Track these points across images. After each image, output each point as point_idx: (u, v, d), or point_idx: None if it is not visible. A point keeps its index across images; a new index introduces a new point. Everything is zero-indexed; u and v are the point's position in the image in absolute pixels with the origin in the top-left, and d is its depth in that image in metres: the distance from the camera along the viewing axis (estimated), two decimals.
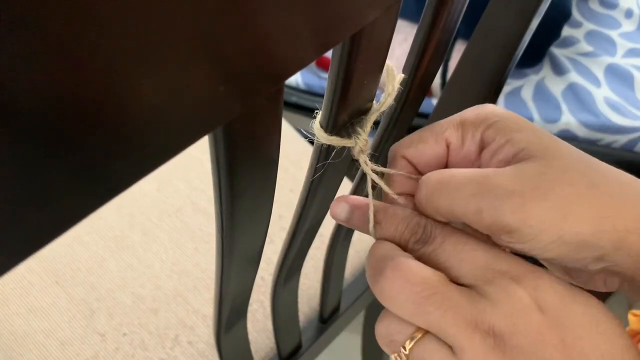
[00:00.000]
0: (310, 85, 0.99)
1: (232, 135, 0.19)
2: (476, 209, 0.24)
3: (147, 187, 0.60)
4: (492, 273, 0.23)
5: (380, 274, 0.24)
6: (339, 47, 0.21)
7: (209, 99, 0.16)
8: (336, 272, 0.49)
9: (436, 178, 0.25)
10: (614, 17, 1.09)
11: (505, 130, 0.26)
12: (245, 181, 0.22)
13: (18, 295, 0.51)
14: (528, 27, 0.35)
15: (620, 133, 0.91)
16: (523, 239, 0.23)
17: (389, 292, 0.23)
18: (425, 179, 0.26)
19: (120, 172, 0.15)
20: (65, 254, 0.54)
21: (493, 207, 0.23)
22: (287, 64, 0.18)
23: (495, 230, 0.24)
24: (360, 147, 0.26)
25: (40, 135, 0.12)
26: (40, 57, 0.11)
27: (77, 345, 0.49)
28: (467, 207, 0.24)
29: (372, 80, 0.24)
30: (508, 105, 0.94)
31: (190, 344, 0.51)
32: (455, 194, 0.24)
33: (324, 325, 0.56)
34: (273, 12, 0.15)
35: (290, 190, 0.61)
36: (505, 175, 0.24)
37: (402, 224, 0.26)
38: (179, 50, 0.14)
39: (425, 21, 0.26)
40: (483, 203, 0.24)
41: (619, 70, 0.98)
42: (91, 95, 0.13)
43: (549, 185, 0.23)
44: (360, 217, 0.28)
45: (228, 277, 0.30)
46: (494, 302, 0.22)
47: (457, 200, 0.24)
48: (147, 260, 0.55)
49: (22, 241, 0.14)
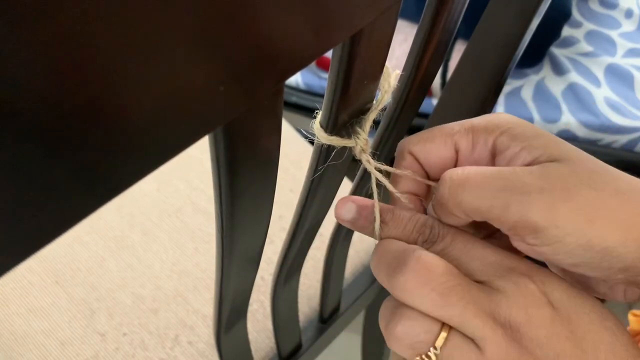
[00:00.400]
0: (310, 85, 0.99)
1: (232, 135, 0.19)
2: (503, 204, 0.23)
3: (147, 187, 0.60)
4: (502, 269, 0.23)
5: (400, 268, 0.24)
6: (339, 47, 0.21)
7: (209, 99, 0.16)
8: (336, 272, 0.49)
9: (461, 172, 0.25)
10: (614, 17, 1.09)
11: (521, 137, 0.25)
12: (245, 181, 0.22)
13: (18, 295, 0.51)
14: (528, 27, 0.35)
15: (620, 133, 0.91)
16: (548, 240, 0.23)
17: (412, 285, 0.23)
18: (449, 174, 0.25)
19: (120, 172, 0.15)
20: (65, 254, 0.54)
21: (521, 203, 0.23)
22: (287, 64, 0.18)
23: (520, 229, 0.23)
24: (361, 146, 0.26)
25: (41, 135, 0.12)
26: (40, 57, 0.11)
27: (77, 345, 0.49)
28: (493, 203, 0.23)
29: (372, 80, 0.24)
30: (508, 105, 0.94)
31: (190, 344, 0.51)
32: (481, 189, 0.24)
33: (324, 325, 0.56)
34: (273, 12, 0.15)
35: (290, 190, 0.61)
36: (533, 172, 0.23)
37: (410, 224, 0.26)
38: (179, 50, 0.14)
39: (425, 21, 0.26)
40: (511, 199, 0.23)
41: (619, 70, 0.98)
42: (91, 95, 0.13)
43: (576, 187, 0.23)
44: (367, 217, 0.27)
45: (228, 277, 0.30)
46: (508, 295, 0.22)
47: (483, 195, 0.24)
48: (147, 260, 0.55)
49: (22, 241, 0.14)
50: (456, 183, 0.25)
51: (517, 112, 0.93)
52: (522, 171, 0.24)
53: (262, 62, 0.17)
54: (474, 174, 0.24)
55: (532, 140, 0.25)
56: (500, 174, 0.24)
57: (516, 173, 0.24)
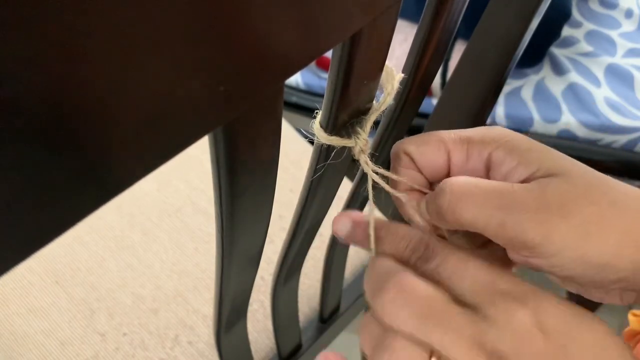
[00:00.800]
0: (310, 85, 0.99)
1: (232, 135, 0.19)
2: (500, 222, 0.23)
3: (147, 187, 0.60)
4: (494, 293, 0.22)
5: (381, 289, 0.23)
6: (339, 47, 0.21)
7: (209, 99, 0.16)
8: (336, 272, 0.49)
9: (461, 186, 0.25)
10: (614, 17, 1.09)
11: (516, 151, 0.25)
12: (245, 181, 0.22)
13: (18, 295, 0.51)
14: (528, 27, 0.35)
15: (620, 133, 0.91)
16: (543, 254, 0.23)
17: (390, 307, 0.23)
18: (449, 186, 0.25)
19: (120, 172, 0.15)
20: (65, 254, 0.54)
21: (517, 222, 0.23)
22: (287, 63, 0.18)
23: (516, 244, 0.24)
24: (361, 147, 0.26)
25: (41, 135, 0.12)
26: (40, 57, 0.11)
27: (77, 345, 0.49)
28: (490, 220, 0.24)
29: (372, 80, 0.24)
30: (508, 105, 0.94)
31: (190, 344, 0.51)
32: (480, 206, 0.24)
33: (324, 325, 0.56)
34: (273, 12, 0.15)
35: (290, 190, 0.61)
36: (530, 190, 0.24)
37: (404, 240, 0.26)
38: (179, 50, 0.14)
39: (425, 21, 0.26)
40: (508, 217, 0.23)
41: (619, 70, 0.98)
42: (91, 95, 0.13)
43: (572, 203, 0.23)
44: (361, 233, 0.27)
45: (228, 277, 0.30)
46: (497, 324, 0.21)
47: (481, 212, 0.24)
48: (147, 260, 0.55)
49: (22, 241, 0.14)
50: (456, 197, 0.25)
51: (517, 112, 0.93)
52: (519, 189, 0.24)
53: (262, 62, 0.17)
54: (473, 189, 0.25)
55: (527, 155, 0.25)
56: (498, 191, 0.24)
57: (514, 192, 0.24)
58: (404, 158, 0.28)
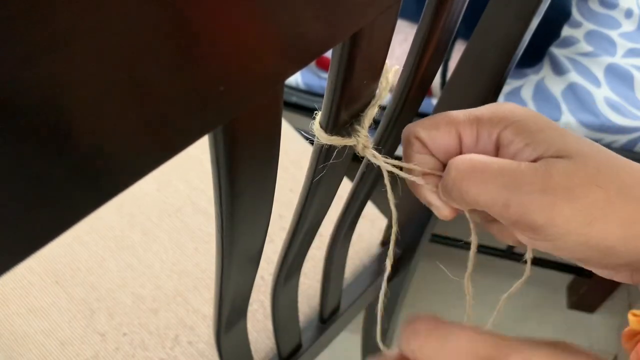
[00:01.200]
0: (310, 85, 0.99)
1: (232, 135, 0.19)
2: (504, 202, 0.23)
3: (147, 187, 0.60)
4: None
5: None
6: (339, 47, 0.21)
7: (209, 99, 0.16)
8: (336, 272, 0.49)
9: (467, 164, 0.25)
10: (614, 17, 1.09)
11: (525, 131, 0.25)
12: (245, 181, 0.22)
13: (18, 295, 0.51)
14: (528, 27, 0.35)
15: (620, 133, 0.91)
16: (548, 237, 0.23)
17: None
18: (455, 163, 0.25)
19: (119, 172, 0.15)
20: (65, 254, 0.54)
21: (521, 203, 0.23)
22: (287, 63, 0.18)
23: (521, 226, 0.23)
24: (363, 143, 0.26)
25: (41, 135, 0.12)
26: (40, 56, 0.11)
27: (77, 345, 0.49)
28: (495, 199, 0.24)
29: (372, 80, 0.24)
30: None
31: (190, 344, 0.51)
32: (484, 185, 0.24)
33: (324, 325, 0.56)
34: (273, 11, 0.15)
35: (290, 190, 0.61)
36: (536, 169, 0.23)
37: None
38: (178, 50, 0.14)
39: (425, 21, 0.26)
40: (512, 198, 0.23)
41: (619, 70, 0.98)
42: (90, 95, 0.13)
43: (579, 187, 0.23)
44: None
45: (228, 277, 0.30)
46: None
47: (485, 191, 0.24)
48: (147, 260, 0.55)
49: (22, 241, 0.14)
50: (461, 175, 0.25)
51: None
52: (526, 168, 0.24)
53: (262, 62, 0.17)
54: (478, 167, 0.24)
55: (536, 136, 0.25)
56: (504, 170, 0.24)
57: (520, 171, 0.24)
58: (415, 143, 0.27)
